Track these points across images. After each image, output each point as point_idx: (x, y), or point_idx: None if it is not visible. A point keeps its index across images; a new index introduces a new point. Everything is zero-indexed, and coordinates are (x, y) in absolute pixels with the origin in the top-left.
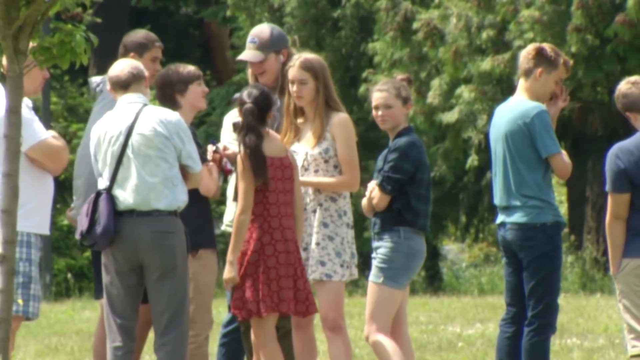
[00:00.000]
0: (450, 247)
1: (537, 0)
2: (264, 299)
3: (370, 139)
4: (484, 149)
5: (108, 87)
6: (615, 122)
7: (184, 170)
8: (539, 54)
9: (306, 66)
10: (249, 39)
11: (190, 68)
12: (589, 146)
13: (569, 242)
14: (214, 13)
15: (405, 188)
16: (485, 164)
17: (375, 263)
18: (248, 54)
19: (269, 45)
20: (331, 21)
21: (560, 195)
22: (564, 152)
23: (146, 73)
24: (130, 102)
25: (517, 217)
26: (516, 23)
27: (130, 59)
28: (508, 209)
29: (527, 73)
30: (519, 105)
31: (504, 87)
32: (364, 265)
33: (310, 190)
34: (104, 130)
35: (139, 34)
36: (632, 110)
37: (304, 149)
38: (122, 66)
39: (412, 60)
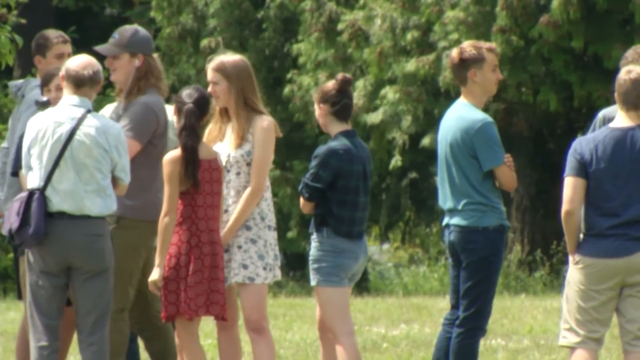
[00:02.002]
0: (375, 248)
1: (461, 1)
2: (190, 302)
3: (293, 140)
4: (408, 150)
5: (61, 73)
6: (539, 123)
7: (114, 180)
8: (463, 59)
9: (218, 67)
10: (113, 34)
11: (49, 68)
12: (514, 147)
13: None
14: (140, 13)
15: (327, 195)
16: (409, 165)
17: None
18: (102, 47)
19: (125, 45)
20: (255, 22)
21: None
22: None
23: (101, 77)
24: (74, 105)
25: (460, 220)
26: (441, 24)
27: (91, 58)
28: (452, 212)
29: (463, 81)
30: (466, 114)
31: (428, 88)
32: (288, 266)
33: (232, 192)
34: (44, 127)
35: (40, 35)
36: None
37: (226, 151)
38: (84, 64)
39: (336, 61)
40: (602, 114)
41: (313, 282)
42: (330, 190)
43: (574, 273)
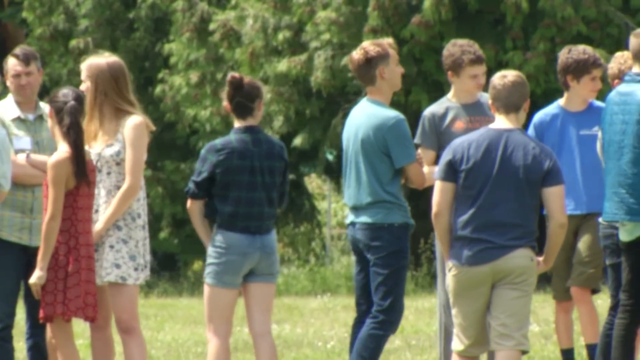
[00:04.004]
0: None
1: (333, 1)
2: (69, 303)
3: (165, 140)
4: None
5: None
6: (410, 122)
7: None
8: (369, 58)
9: (85, 67)
10: None
11: None
12: None
13: None
14: (11, 15)
15: (210, 190)
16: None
17: None
18: None
19: None
20: (126, 22)
21: None
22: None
23: None
24: None
25: (366, 218)
26: (313, 24)
27: None
28: (358, 209)
29: (371, 80)
30: (377, 111)
31: (300, 88)
32: (159, 266)
33: (102, 192)
34: None
35: None
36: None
37: (95, 151)
38: None
39: (208, 61)
40: (429, 112)
41: (204, 279)
42: (213, 186)
43: (449, 280)
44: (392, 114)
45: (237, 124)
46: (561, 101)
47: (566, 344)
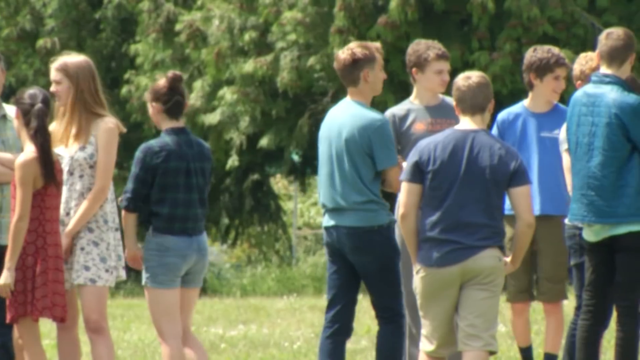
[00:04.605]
0: (212, 249)
1: (299, 1)
2: (37, 302)
3: (131, 140)
4: (246, 150)
5: None
6: None
7: None
8: (355, 60)
9: (60, 67)
10: None
11: None
12: None
13: None
14: None
15: (147, 196)
16: (246, 165)
17: None
18: None
19: None
20: (93, 23)
21: None
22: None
23: None
24: None
25: (354, 221)
26: (279, 25)
27: None
28: (341, 210)
29: (354, 81)
30: (362, 112)
31: (266, 88)
32: (125, 266)
33: (75, 195)
34: None
35: None
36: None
37: (68, 153)
38: None
39: (174, 61)
40: (390, 113)
41: (143, 282)
42: (150, 188)
43: (416, 282)
44: (378, 116)
45: (167, 125)
46: (526, 101)
47: (524, 342)
